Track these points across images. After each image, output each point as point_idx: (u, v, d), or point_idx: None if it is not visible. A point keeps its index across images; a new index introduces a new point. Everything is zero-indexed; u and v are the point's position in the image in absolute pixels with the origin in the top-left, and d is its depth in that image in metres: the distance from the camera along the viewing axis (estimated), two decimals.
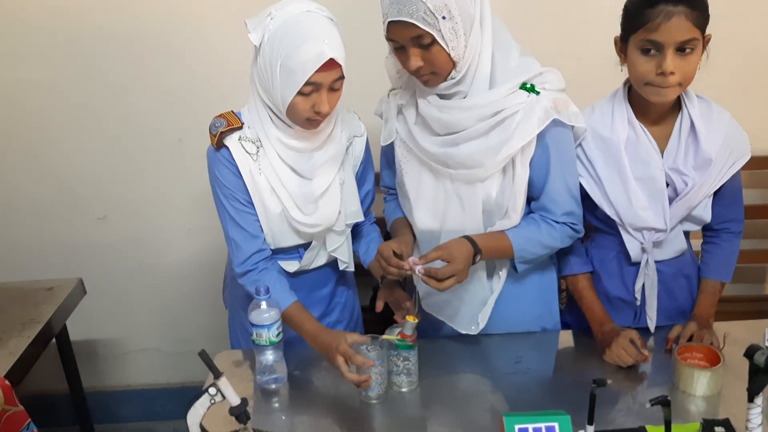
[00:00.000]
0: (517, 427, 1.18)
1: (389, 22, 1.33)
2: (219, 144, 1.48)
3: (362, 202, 1.66)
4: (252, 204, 1.52)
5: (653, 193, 1.48)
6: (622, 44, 1.44)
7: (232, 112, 1.51)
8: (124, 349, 2.61)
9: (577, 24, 2.14)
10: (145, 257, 2.44)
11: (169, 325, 2.55)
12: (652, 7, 1.33)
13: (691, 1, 1.32)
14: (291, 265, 1.60)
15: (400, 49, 1.38)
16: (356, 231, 1.72)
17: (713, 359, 1.39)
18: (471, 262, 1.41)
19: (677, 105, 1.49)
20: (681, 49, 1.34)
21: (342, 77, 1.40)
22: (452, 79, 1.40)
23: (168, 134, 2.27)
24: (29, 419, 1.52)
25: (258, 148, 1.49)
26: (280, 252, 1.59)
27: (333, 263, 1.66)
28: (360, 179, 1.67)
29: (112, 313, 2.52)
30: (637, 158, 1.48)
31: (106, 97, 2.22)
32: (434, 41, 1.32)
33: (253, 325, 1.42)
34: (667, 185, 1.48)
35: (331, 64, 1.35)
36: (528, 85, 1.41)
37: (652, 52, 1.36)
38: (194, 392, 1.23)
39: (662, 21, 1.32)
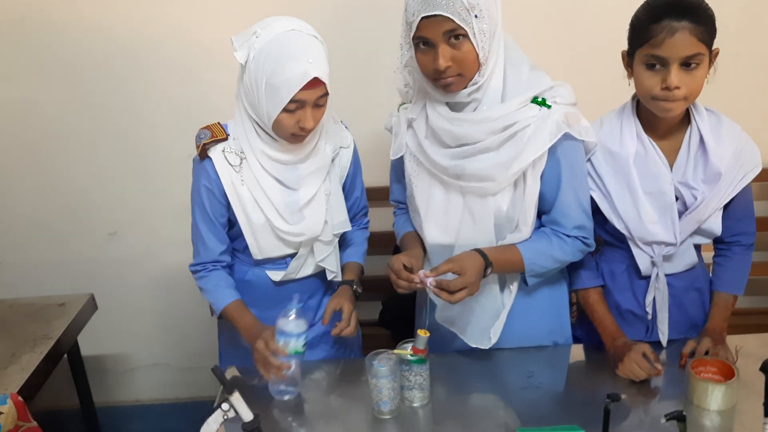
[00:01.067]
0: None
1: (422, 18, 1.32)
2: (202, 155, 1.52)
3: (350, 210, 1.70)
4: (219, 220, 1.56)
5: (663, 207, 1.48)
6: (628, 58, 1.45)
7: (219, 123, 1.54)
8: (134, 364, 2.61)
9: (585, 37, 2.15)
10: (155, 272, 2.45)
11: (179, 340, 2.56)
12: (656, 22, 1.33)
13: (695, 16, 1.32)
14: (276, 274, 1.62)
15: (427, 49, 1.37)
16: (343, 238, 1.75)
17: (727, 373, 1.38)
18: (482, 275, 1.41)
19: (686, 118, 1.49)
20: (686, 63, 1.34)
21: (326, 94, 1.43)
22: (474, 84, 1.40)
23: (178, 151, 2.28)
24: None
25: (242, 159, 1.52)
26: (267, 262, 1.62)
27: (321, 273, 1.68)
28: (349, 188, 1.70)
29: (123, 328, 2.53)
30: (646, 172, 1.48)
31: (117, 114, 2.24)
32: (466, 37, 1.33)
33: (281, 333, 1.42)
34: (677, 199, 1.48)
35: (315, 83, 1.38)
36: (539, 99, 1.42)
37: (657, 67, 1.37)
38: (204, 407, 1.23)
39: (666, 36, 1.32)
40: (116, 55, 2.16)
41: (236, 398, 1.19)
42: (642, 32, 1.37)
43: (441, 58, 1.35)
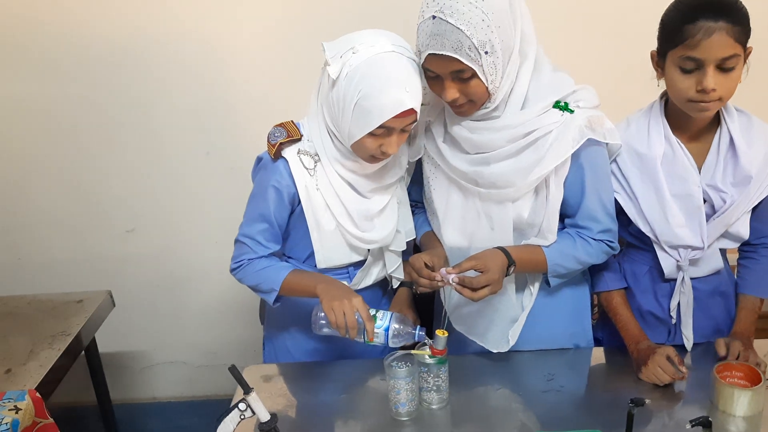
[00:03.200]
0: None
1: (429, 54, 1.30)
2: (277, 155, 1.45)
3: None
4: (279, 223, 1.50)
5: (690, 210, 1.45)
6: (659, 59, 1.40)
7: (292, 122, 1.48)
8: (152, 361, 2.63)
9: (612, 36, 2.12)
10: (172, 270, 2.46)
11: (195, 338, 2.56)
12: (692, 23, 1.28)
13: (732, 16, 1.27)
14: None
15: (434, 79, 1.36)
16: None
17: (754, 378, 1.35)
18: (505, 274, 1.39)
19: (716, 119, 1.45)
20: (722, 65, 1.30)
21: (416, 120, 1.38)
22: (485, 109, 1.38)
23: (196, 148, 2.29)
24: None
25: (315, 162, 1.46)
26: (327, 272, 1.56)
27: (379, 283, 1.64)
28: None
29: (140, 326, 2.54)
30: (673, 174, 1.44)
31: (135, 112, 2.25)
32: (474, 75, 1.30)
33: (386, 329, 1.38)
34: (704, 201, 1.45)
35: (407, 111, 1.33)
36: (562, 104, 1.39)
37: (692, 68, 1.31)
38: (220, 406, 1.23)
39: (702, 37, 1.27)
40: (136, 53, 2.17)
41: (253, 398, 1.19)
42: (676, 33, 1.31)
43: (448, 91, 1.34)
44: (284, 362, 1.65)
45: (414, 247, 1.72)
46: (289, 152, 1.45)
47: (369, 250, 1.55)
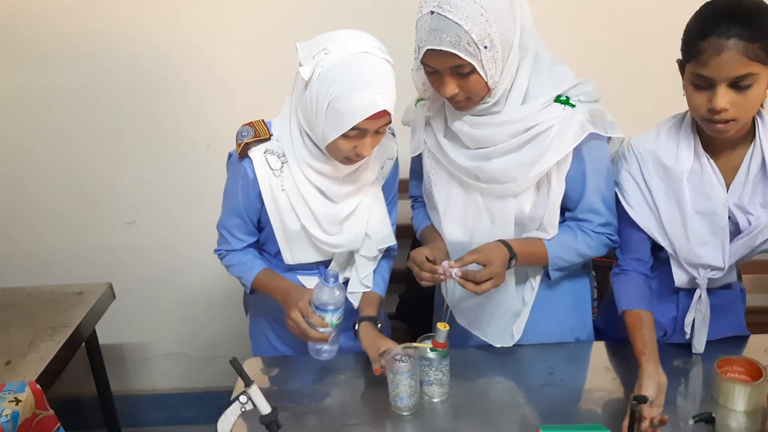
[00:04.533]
0: None
1: (428, 50, 1.29)
2: (243, 154, 1.45)
3: None
4: (252, 219, 1.52)
5: (714, 229, 1.37)
6: (681, 69, 1.32)
7: (263, 121, 1.47)
8: (152, 353, 2.62)
9: (614, 29, 2.11)
10: (173, 262, 2.45)
11: (196, 330, 2.56)
12: (703, 39, 1.19)
13: (747, 31, 1.16)
14: (309, 280, 1.56)
15: (434, 75, 1.35)
16: None
17: (755, 373, 1.35)
18: (507, 266, 1.39)
19: (751, 133, 1.35)
20: (735, 83, 1.20)
21: (390, 122, 1.36)
22: (485, 104, 1.38)
23: (196, 140, 2.28)
24: (59, 423, 1.53)
25: (283, 164, 1.45)
26: (299, 267, 1.56)
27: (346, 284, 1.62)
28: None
29: (140, 318, 2.53)
30: (699, 191, 1.37)
31: (135, 104, 2.24)
32: (473, 71, 1.29)
33: (319, 307, 1.38)
34: (729, 219, 1.37)
35: (381, 113, 1.31)
36: (563, 98, 1.38)
37: (704, 86, 1.23)
38: (220, 398, 1.23)
39: (711, 55, 1.18)
40: (136, 45, 2.16)
41: (254, 391, 1.19)
42: (690, 47, 1.24)
43: (446, 87, 1.32)
44: (284, 355, 1.66)
45: (414, 242, 1.72)
46: (255, 152, 1.44)
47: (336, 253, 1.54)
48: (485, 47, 1.27)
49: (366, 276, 1.57)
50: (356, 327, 1.51)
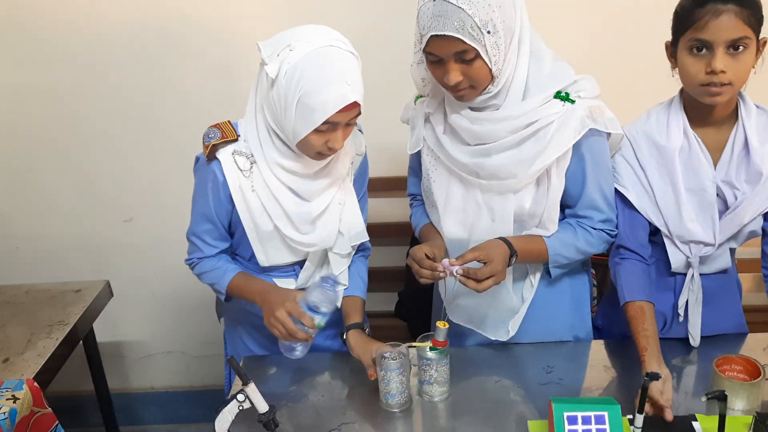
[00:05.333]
0: (565, 414, 1.16)
1: (431, 36, 1.28)
2: (210, 156, 1.42)
3: None
4: (223, 223, 1.50)
5: (703, 205, 1.44)
6: (672, 48, 1.40)
7: (229, 122, 1.46)
8: (149, 351, 2.62)
9: (614, 25, 2.11)
10: (171, 260, 2.44)
11: (194, 328, 2.56)
12: (701, 6, 1.30)
13: (740, 0, 1.28)
14: (284, 282, 1.55)
15: (437, 63, 1.34)
16: None
17: (753, 372, 1.35)
18: (507, 264, 1.39)
19: (735, 115, 1.43)
20: (732, 47, 1.30)
21: (359, 113, 1.36)
22: (488, 93, 1.37)
23: (195, 137, 2.26)
24: (57, 421, 1.53)
25: (252, 164, 1.43)
26: (274, 269, 1.55)
27: None
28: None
29: (138, 316, 2.53)
30: (689, 168, 1.43)
31: (135, 101, 2.24)
32: (477, 56, 1.29)
33: (310, 307, 1.38)
34: (718, 197, 1.43)
35: (351, 105, 1.31)
36: (563, 94, 1.38)
37: (702, 51, 1.32)
38: (218, 396, 1.23)
39: (710, 19, 1.28)
40: (135, 43, 2.16)
41: (252, 389, 1.19)
42: (686, 18, 1.33)
43: (451, 74, 1.31)
44: (280, 354, 1.65)
45: (412, 240, 1.71)
46: (223, 153, 1.43)
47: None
48: (488, 32, 1.27)
49: (341, 273, 1.57)
50: (345, 336, 1.51)
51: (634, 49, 1.97)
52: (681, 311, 1.51)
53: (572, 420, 1.16)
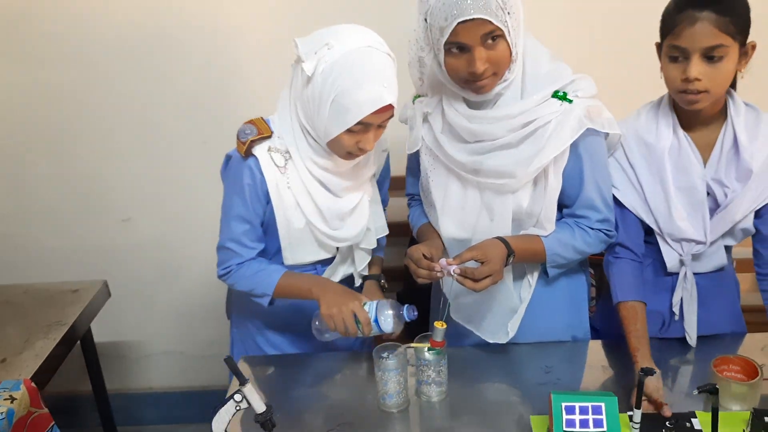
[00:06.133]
0: (563, 404, 1.18)
1: (458, 24, 1.26)
2: (247, 153, 1.43)
3: None
4: (258, 221, 1.49)
5: (693, 203, 1.44)
6: (659, 51, 1.41)
7: (262, 119, 1.45)
8: (147, 351, 2.62)
9: (611, 25, 2.11)
10: (169, 260, 2.45)
11: (192, 328, 2.56)
12: (679, 12, 1.31)
13: (717, 6, 1.27)
14: None
15: (460, 53, 1.32)
16: None
17: (750, 372, 1.35)
18: (505, 263, 1.39)
19: (724, 113, 1.44)
20: (708, 56, 1.30)
21: (392, 116, 1.37)
22: (505, 81, 1.37)
23: (193, 137, 2.28)
24: (53, 422, 1.53)
25: (286, 160, 1.44)
26: (295, 267, 1.55)
27: (345, 280, 1.61)
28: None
29: (136, 316, 2.53)
30: (679, 166, 1.44)
31: (131, 101, 2.24)
32: (502, 36, 1.29)
33: (376, 319, 1.39)
34: (708, 195, 1.44)
35: (385, 107, 1.31)
36: (560, 93, 1.38)
37: (680, 58, 1.33)
38: (216, 396, 1.22)
39: (686, 26, 1.29)
40: (132, 42, 2.15)
41: (249, 389, 1.18)
42: (667, 23, 1.34)
43: (478, 61, 1.30)
44: (278, 354, 1.65)
45: (410, 240, 1.71)
46: (259, 150, 1.42)
47: (338, 248, 1.54)
48: (509, 13, 1.27)
49: (363, 268, 1.59)
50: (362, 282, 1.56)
51: (631, 49, 1.96)
52: (676, 309, 1.52)
53: (570, 410, 1.18)
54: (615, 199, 1.51)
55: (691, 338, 1.52)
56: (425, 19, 1.32)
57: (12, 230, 2.41)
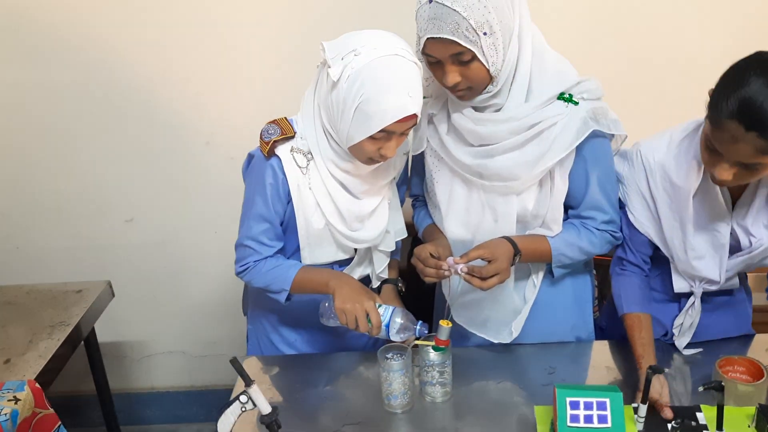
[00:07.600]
0: (568, 399, 1.18)
1: (428, 39, 1.29)
2: (270, 153, 1.43)
3: None
4: (278, 221, 1.49)
5: (714, 245, 1.40)
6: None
7: (286, 119, 1.45)
8: (151, 351, 2.62)
9: (617, 27, 2.10)
10: (172, 260, 2.45)
11: (195, 328, 2.56)
12: (728, 117, 1.16)
13: (763, 131, 1.14)
14: None
15: (435, 65, 1.35)
16: None
17: (756, 373, 1.35)
18: (512, 262, 1.39)
19: None
20: (742, 164, 1.22)
21: (416, 124, 1.37)
22: (488, 93, 1.37)
23: (195, 137, 2.28)
24: (59, 422, 1.53)
25: (308, 161, 1.44)
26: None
27: (361, 281, 1.59)
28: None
29: (139, 316, 2.53)
30: (705, 206, 1.38)
31: (134, 101, 2.23)
32: (474, 58, 1.29)
33: (390, 324, 1.39)
34: (731, 236, 1.40)
35: (410, 117, 1.31)
36: (566, 95, 1.38)
37: (715, 153, 1.23)
38: (219, 396, 1.22)
39: (727, 140, 1.18)
40: (134, 42, 2.15)
41: (255, 390, 1.18)
42: (714, 110, 1.20)
43: (449, 75, 1.32)
44: (282, 354, 1.65)
45: (415, 240, 1.71)
46: (282, 150, 1.43)
47: (356, 249, 1.54)
48: (485, 33, 1.27)
49: (382, 271, 1.59)
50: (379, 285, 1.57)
51: (637, 50, 1.97)
52: (676, 331, 1.51)
53: (574, 405, 1.18)
54: (627, 219, 1.49)
55: (680, 349, 1.51)
56: (416, 28, 1.34)
57: (15, 231, 2.41)
